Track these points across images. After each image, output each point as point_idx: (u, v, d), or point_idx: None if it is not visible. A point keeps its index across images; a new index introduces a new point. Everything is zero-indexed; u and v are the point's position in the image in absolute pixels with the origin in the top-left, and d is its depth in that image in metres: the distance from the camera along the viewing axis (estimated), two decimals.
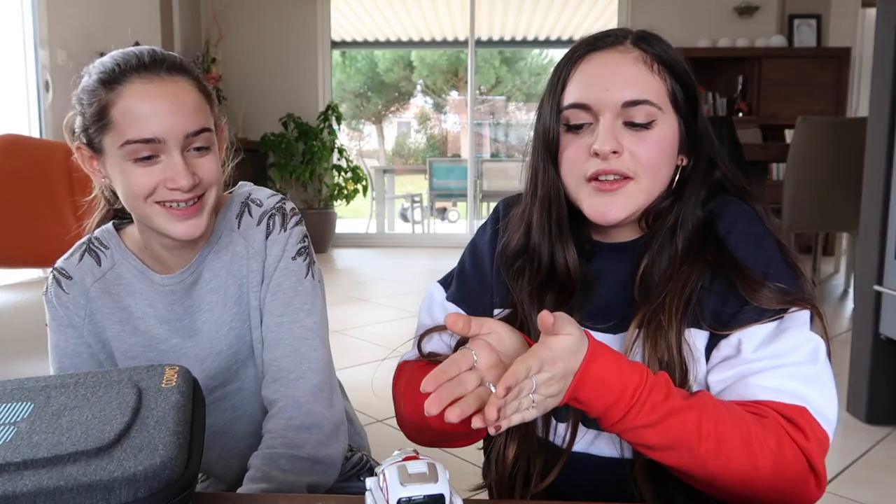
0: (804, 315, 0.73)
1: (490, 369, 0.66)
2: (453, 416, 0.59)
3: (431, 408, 0.59)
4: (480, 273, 0.90)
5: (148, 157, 0.84)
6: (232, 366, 0.99)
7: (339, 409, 0.97)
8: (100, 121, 0.85)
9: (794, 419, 0.68)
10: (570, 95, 0.79)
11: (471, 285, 0.90)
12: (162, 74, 0.85)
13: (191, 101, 0.86)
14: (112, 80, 0.84)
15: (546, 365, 0.61)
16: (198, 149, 0.87)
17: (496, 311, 0.87)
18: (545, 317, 0.61)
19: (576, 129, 0.79)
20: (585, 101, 0.77)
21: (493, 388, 0.62)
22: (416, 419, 0.79)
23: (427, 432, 0.79)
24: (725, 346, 0.73)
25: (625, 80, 0.76)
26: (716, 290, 0.75)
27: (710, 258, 0.76)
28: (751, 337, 0.72)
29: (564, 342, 0.62)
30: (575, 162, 0.78)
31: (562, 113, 0.79)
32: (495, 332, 0.68)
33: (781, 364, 0.70)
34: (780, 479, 0.66)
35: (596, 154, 0.76)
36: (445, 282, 0.94)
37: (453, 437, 0.78)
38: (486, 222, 0.95)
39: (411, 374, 0.85)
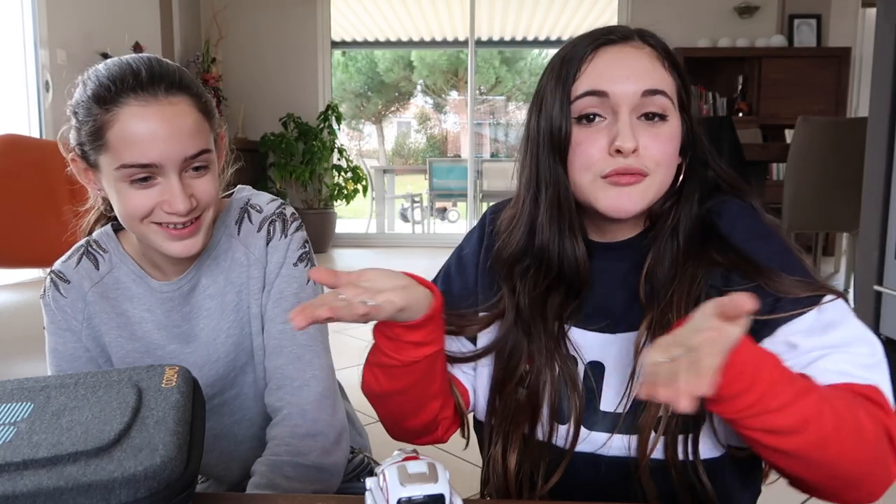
0: (841, 303, 0.73)
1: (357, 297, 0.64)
2: (323, 312, 0.59)
3: (298, 321, 0.59)
4: (464, 282, 0.89)
5: (144, 179, 0.83)
6: (230, 373, 0.98)
7: (342, 415, 0.97)
8: (95, 140, 0.82)
9: (871, 397, 0.67)
10: (585, 85, 0.76)
11: (453, 293, 0.89)
12: (159, 96, 0.81)
13: (189, 123, 0.83)
14: (107, 99, 0.81)
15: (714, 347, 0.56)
16: (196, 168, 0.85)
17: (480, 314, 0.86)
18: (746, 301, 0.55)
19: (589, 120, 0.76)
20: (603, 88, 0.75)
21: (370, 302, 0.62)
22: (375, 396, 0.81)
23: (383, 406, 0.80)
24: (770, 346, 0.71)
25: (643, 71, 0.76)
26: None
27: (720, 259, 0.76)
28: (797, 330, 0.71)
29: (735, 333, 0.57)
30: (588, 158, 0.76)
31: (573, 104, 0.77)
32: (367, 278, 0.67)
33: (843, 351, 0.69)
34: (876, 456, 0.65)
35: (618, 151, 0.74)
36: None
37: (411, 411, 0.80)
38: (472, 230, 0.93)
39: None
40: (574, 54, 0.78)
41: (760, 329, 0.72)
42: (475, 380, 0.87)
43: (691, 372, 0.52)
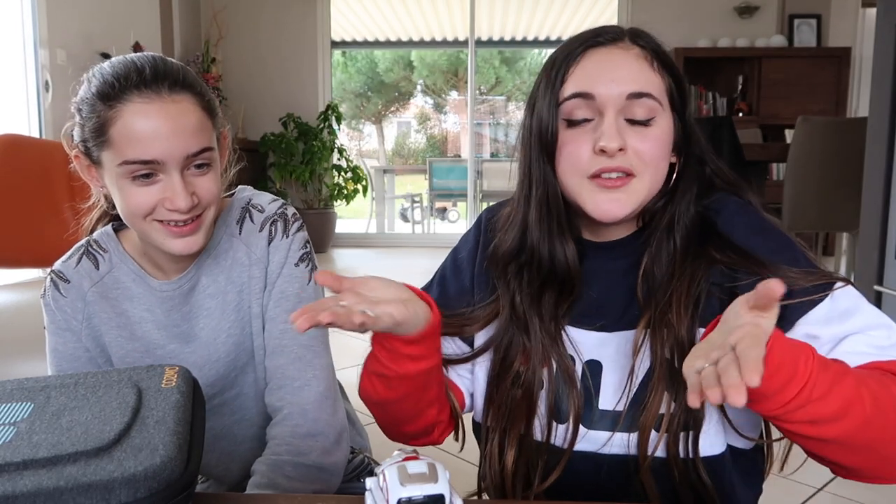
0: (851, 289, 0.73)
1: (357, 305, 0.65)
2: (324, 317, 0.59)
3: (300, 323, 0.59)
4: (459, 284, 0.90)
5: (146, 176, 0.83)
6: (230, 373, 0.98)
7: (342, 415, 0.97)
8: (98, 137, 0.83)
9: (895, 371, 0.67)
10: (572, 87, 0.77)
11: (449, 295, 0.90)
12: (163, 93, 0.82)
13: (192, 121, 0.84)
14: (111, 96, 0.81)
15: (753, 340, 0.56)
16: (198, 166, 0.86)
17: (476, 314, 0.86)
18: (776, 286, 0.56)
19: (576, 124, 0.77)
20: (589, 90, 0.76)
21: (370, 312, 0.62)
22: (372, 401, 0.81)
23: (379, 407, 0.80)
24: None
25: (629, 73, 0.76)
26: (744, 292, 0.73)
27: (720, 256, 0.76)
28: (815, 320, 0.71)
29: (770, 325, 0.57)
30: (576, 159, 0.77)
31: (561, 106, 0.77)
32: (369, 286, 0.67)
33: (862, 334, 0.70)
34: None
35: (602, 151, 0.74)
36: (426, 288, 0.93)
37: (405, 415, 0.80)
38: (468, 232, 0.93)
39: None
40: (562, 56, 0.79)
41: (778, 325, 0.72)
42: (472, 384, 0.87)
43: (738, 366, 0.52)
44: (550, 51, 0.84)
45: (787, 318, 0.72)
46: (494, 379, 0.82)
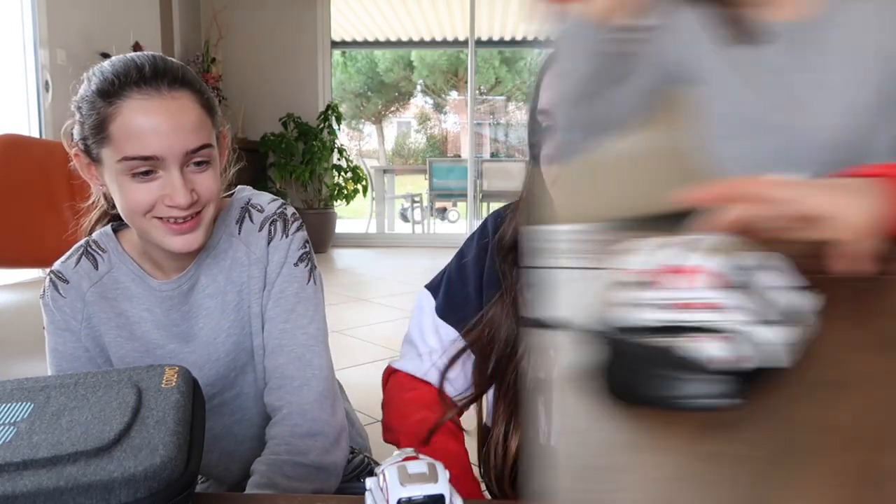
0: None
1: None
2: None
3: None
4: (465, 294, 0.92)
5: (146, 173, 0.83)
6: (230, 372, 0.98)
7: (342, 415, 0.97)
8: (98, 134, 0.83)
9: None
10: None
11: (456, 300, 0.92)
12: (162, 90, 0.83)
13: (192, 118, 0.84)
14: (111, 93, 0.82)
15: None
16: (198, 163, 0.86)
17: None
18: None
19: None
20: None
21: None
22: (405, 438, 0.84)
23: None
24: None
25: None
26: None
27: None
28: None
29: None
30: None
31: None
32: None
33: None
34: None
35: None
36: (433, 288, 0.96)
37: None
38: (472, 236, 0.96)
39: (403, 398, 0.90)
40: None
41: None
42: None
43: None
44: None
45: None
46: (498, 366, 0.84)
